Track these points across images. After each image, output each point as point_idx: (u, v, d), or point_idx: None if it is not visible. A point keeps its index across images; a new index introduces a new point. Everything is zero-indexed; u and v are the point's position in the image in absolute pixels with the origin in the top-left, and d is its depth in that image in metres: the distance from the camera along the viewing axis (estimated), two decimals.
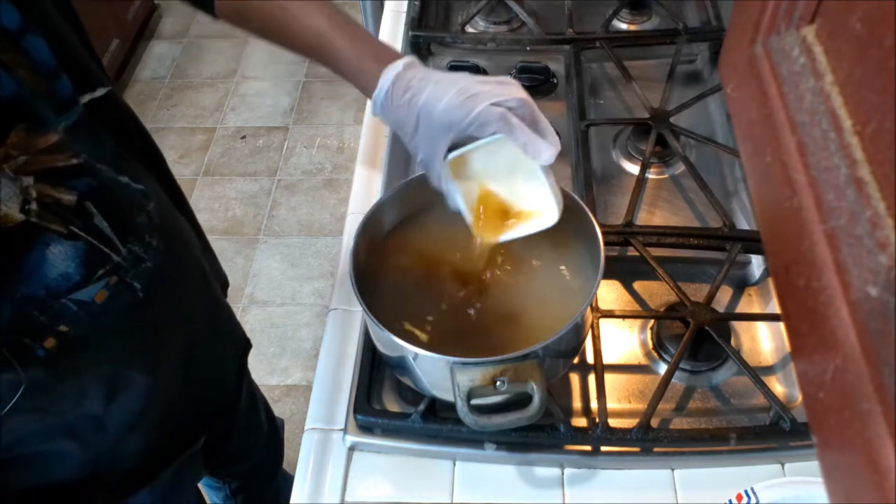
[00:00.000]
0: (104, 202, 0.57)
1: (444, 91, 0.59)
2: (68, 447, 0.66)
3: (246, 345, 0.93)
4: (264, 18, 0.65)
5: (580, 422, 0.72)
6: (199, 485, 1.17)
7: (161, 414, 0.72)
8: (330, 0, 0.66)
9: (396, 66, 0.61)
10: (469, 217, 0.65)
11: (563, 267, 0.71)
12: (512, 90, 0.59)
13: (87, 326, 0.59)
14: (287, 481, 0.73)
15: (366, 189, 0.92)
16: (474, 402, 0.60)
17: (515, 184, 0.64)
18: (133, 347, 0.66)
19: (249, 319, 1.87)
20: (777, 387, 0.75)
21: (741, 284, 0.84)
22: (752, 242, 0.80)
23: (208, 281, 0.80)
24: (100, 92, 0.58)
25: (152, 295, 0.64)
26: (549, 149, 0.59)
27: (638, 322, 0.81)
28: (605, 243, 0.67)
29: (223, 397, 0.87)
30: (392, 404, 0.75)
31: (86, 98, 0.56)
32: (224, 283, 0.92)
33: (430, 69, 0.63)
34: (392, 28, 1.12)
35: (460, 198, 0.64)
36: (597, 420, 0.68)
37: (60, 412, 0.63)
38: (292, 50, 0.66)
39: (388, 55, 0.63)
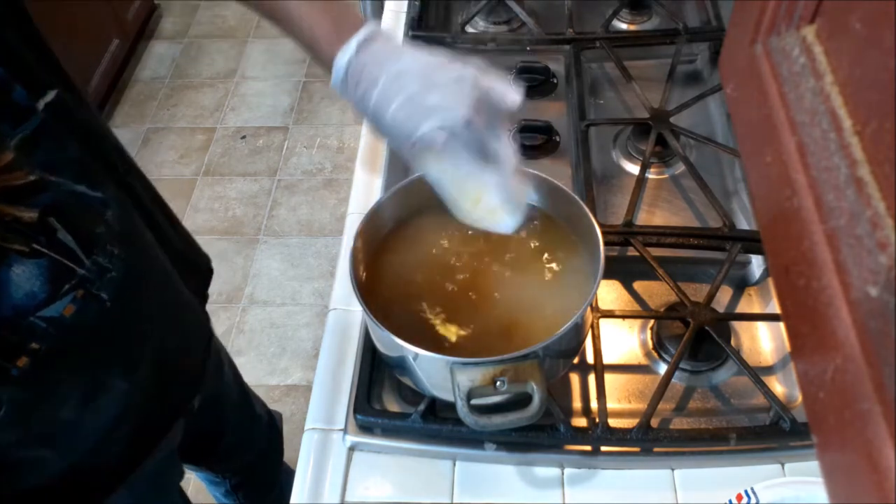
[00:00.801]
0: (66, 216, 0.56)
1: (394, 94, 0.56)
2: (45, 454, 0.66)
3: (210, 333, 0.92)
4: None
5: (580, 422, 0.72)
6: (200, 480, 1.18)
7: (138, 412, 0.72)
8: None
9: (349, 49, 0.56)
10: (460, 203, 0.63)
11: (563, 267, 0.71)
12: (459, 108, 0.55)
13: (58, 341, 0.58)
14: (290, 476, 0.72)
15: (366, 189, 0.92)
16: (474, 402, 0.60)
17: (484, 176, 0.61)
18: (108, 354, 0.66)
19: (249, 319, 1.87)
20: (777, 387, 0.75)
21: (741, 284, 0.84)
22: (752, 242, 0.80)
23: (171, 278, 0.80)
24: (50, 95, 0.56)
25: (119, 303, 0.63)
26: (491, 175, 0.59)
27: (638, 322, 0.81)
28: (605, 243, 0.67)
29: (192, 380, 0.86)
30: (392, 404, 0.75)
31: (41, 104, 0.54)
32: (207, 265, 0.91)
33: (387, 44, 0.58)
34: (392, 28, 1.12)
35: (448, 181, 0.62)
36: (597, 420, 0.68)
37: (38, 422, 0.63)
38: (256, 11, 0.62)
39: (345, 25, 0.57)
